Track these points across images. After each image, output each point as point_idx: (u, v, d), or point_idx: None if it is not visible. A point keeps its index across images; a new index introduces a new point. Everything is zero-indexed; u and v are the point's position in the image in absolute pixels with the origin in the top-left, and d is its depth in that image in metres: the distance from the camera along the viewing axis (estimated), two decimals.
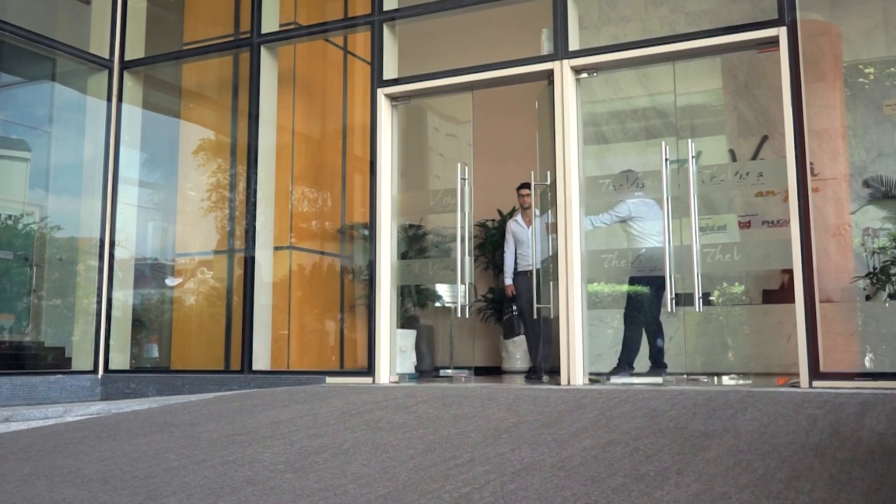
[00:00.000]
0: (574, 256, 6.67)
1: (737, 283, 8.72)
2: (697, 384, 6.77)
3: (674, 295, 6.38)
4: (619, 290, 7.80)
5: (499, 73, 7.25)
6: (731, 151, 9.03)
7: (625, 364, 7.18)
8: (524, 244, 8.32)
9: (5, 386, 7.40)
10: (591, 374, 6.72)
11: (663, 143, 6.60)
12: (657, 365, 7.20)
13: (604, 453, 3.37)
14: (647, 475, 2.96)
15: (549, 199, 7.24)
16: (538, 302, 7.43)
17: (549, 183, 7.23)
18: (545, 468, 3.15)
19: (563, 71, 6.92)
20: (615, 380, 6.79)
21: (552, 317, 6.97)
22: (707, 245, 6.44)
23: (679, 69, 7.12)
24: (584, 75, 7.00)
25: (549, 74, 7.02)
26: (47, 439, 4.29)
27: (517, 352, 9.59)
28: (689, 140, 6.56)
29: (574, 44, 7.00)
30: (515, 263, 8.57)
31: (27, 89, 9.69)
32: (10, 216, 9.47)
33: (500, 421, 4.33)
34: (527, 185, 8.01)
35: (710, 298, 8.42)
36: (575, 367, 6.52)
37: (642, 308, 7.27)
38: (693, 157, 6.45)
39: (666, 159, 6.54)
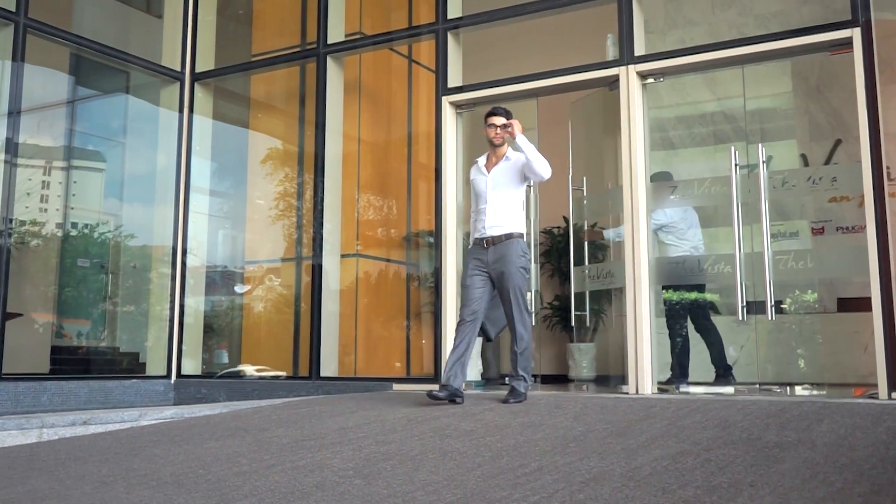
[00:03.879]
0: (642, 263, 6.59)
1: (810, 291, 8.50)
2: (770, 394, 6.63)
3: (744, 303, 6.26)
4: (672, 298, 7.62)
5: (563, 79, 7.22)
6: (803, 156, 8.82)
7: (679, 374, 7.06)
8: (481, 197, 5.82)
9: (83, 390, 7.62)
10: (659, 383, 6.63)
11: (732, 148, 6.50)
12: (721, 370, 7.07)
13: (674, 464, 3.32)
14: (720, 487, 2.91)
15: (584, 206, 7.18)
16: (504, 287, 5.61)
17: (583, 189, 7.20)
18: (614, 478, 3.12)
19: (628, 76, 6.86)
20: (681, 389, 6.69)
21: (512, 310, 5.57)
22: (779, 252, 6.31)
23: (748, 72, 6.99)
24: (651, 80, 6.92)
25: (614, 80, 6.96)
26: (124, 442, 4.40)
27: (584, 360, 9.50)
28: (760, 145, 6.44)
29: (640, 49, 6.93)
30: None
31: (102, 102, 9.98)
32: (86, 225, 9.76)
33: (567, 429, 4.30)
34: (499, 112, 5.85)
35: (782, 307, 8.22)
36: (643, 375, 6.44)
37: (683, 316, 7.17)
38: (763, 161, 6.33)
39: (735, 164, 6.43)
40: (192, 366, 8.76)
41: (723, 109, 8.79)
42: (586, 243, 7.87)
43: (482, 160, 5.99)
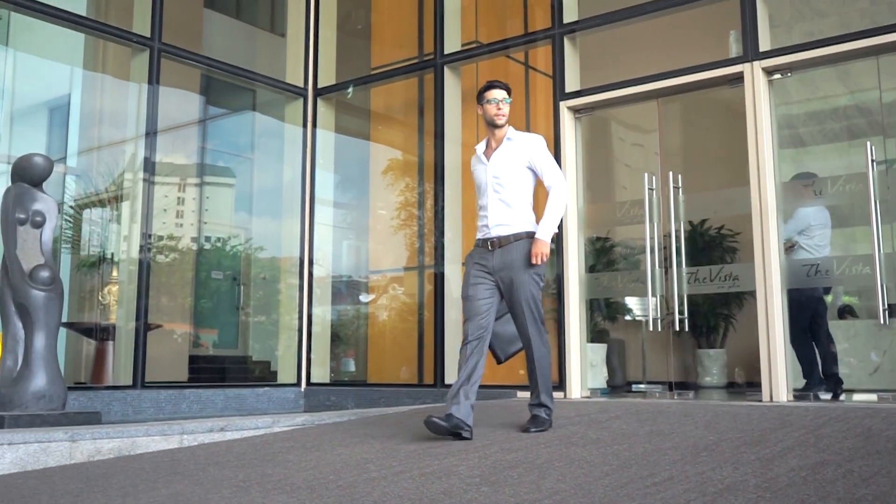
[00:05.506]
0: (773, 266, 6.36)
1: None
2: None
3: (886, 306, 5.94)
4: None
5: (685, 79, 7.05)
6: None
7: (815, 381, 6.73)
8: (482, 191, 4.88)
9: (219, 397, 7.94)
10: (795, 390, 6.37)
11: (868, 143, 6.19)
12: (831, 380, 6.70)
13: (813, 475, 3.18)
14: (863, 500, 2.77)
15: (655, 205, 7.00)
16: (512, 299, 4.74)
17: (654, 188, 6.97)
18: (749, 489, 3.01)
19: (753, 73, 6.64)
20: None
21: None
22: None
23: (884, 63, 6.64)
24: (777, 76, 6.68)
25: (738, 77, 6.75)
26: (258, 448, 4.56)
27: (714, 366, 9.23)
28: None
29: (765, 44, 6.70)
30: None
31: (231, 120, 10.40)
32: (218, 238, 10.18)
33: (698, 438, 4.18)
34: (498, 85, 4.86)
35: None
36: (777, 382, 6.20)
37: (807, 321, 6.82)
38: None
39: (872, 160, 6.12)
40: (320, 374, 8.98)
41: (856, 103, 8.38)
42: (681, 243, 7.58)
43: (481, 147, 4.98)
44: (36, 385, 5.33)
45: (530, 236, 4.70)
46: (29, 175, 5.72)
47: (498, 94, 4.80)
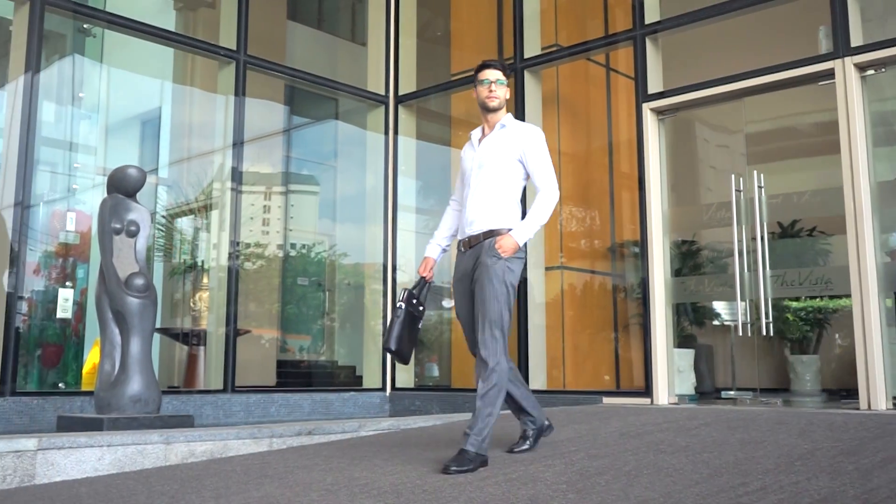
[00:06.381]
0: (868, 268, 6.14)
1: None
2: None
3: None
4: None
5: (771, 77, 6.88)
6: None
7: None
8: (466, 181, 4.35)
9: (306, 402, 8.07)
10: (895, 398, 6.13)
11: None
12: None
13: None
14: None
15: (743, 207, 6.77)
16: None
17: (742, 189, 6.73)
18: (847, 500, 2.91)
19: (844, 69, 6.43)
20: None
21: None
22: None
23: None
24: (871, 72, 6.46)
25: (828, 74, 6.55)
26: (345, 452, 4.62)
27: (807, 373, 8.95)
28: None
29: (857, 39, 6.49)
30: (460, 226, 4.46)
31: (314, 129, 10.59)
32: (303, 245, 10.37)
33: (791, 447, 4.06)
34: (492, 65, 4.36)
35: None
36: (875, 390, 5.98)
37: None
38: None
39: None
40: (405, 379, 9.05)
41: None
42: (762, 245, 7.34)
43: (476, 133, 4.45)
44: (132, 389, 5.50)
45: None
46: (123, 186, 5.92)
47: (491, 74, 4.30)
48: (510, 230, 4.07)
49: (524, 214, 4.20)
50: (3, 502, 3.57)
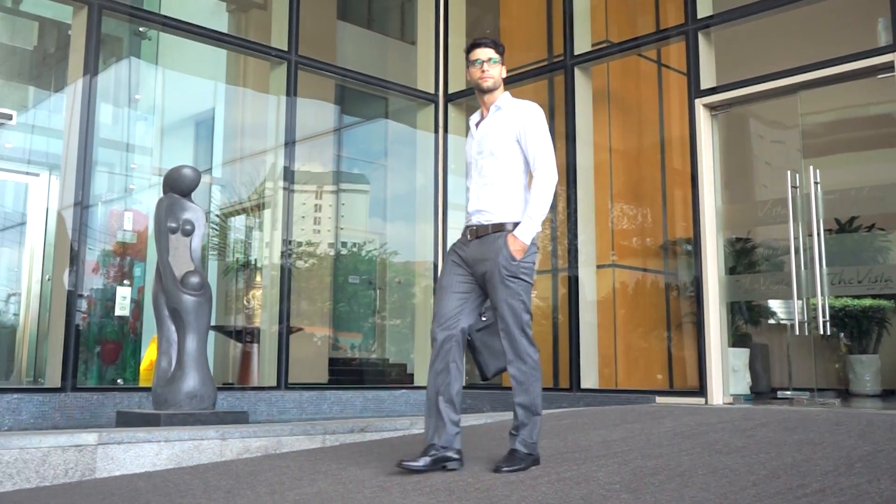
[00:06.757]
0: None
1: None
2: None
3: None
4: None
5: (828, 70, 6.74)
6: None
7: None
8: (468, 171, 4.12)
9: (358, 399, 8.13)
10: None
11: None
12: None
13: None
14: None
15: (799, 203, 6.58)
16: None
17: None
18: None
19: None
20: None
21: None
22: None
23: None
24: None
25: (887, 67, 6.39)
26: (397, 449, 4.63)
27: (866, 373, 8.76)
28: None
29: None
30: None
31: (364, 128, 10.65)
32: (354, 244, 10.43)
33: (851, 448, 3.98)
34: (484, 43, 4.07)
35: None
36: None
37: None
38: None
39: None
40: None
41: None
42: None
43: (474, 118, 4.17)
44: (189, 385, 5.59)
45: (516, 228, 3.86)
46: (179, 186, 6.02)
47: (482, 53, 4.02)
48: (517, 225, 3.85)
49: None
50: (65, 495, 3.66)
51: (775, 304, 8.88)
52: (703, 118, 7.37)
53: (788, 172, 7.04)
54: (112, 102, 8.47)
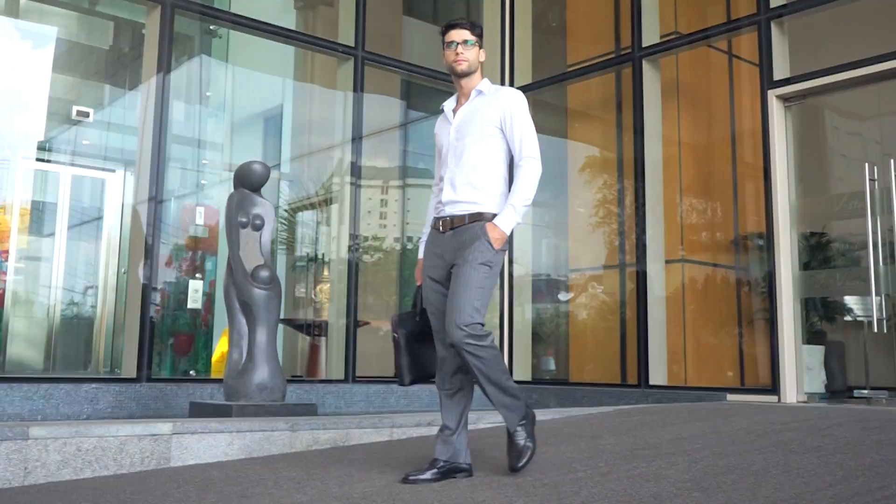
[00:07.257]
0: None
1: None
2: None
3: None
4: None
5: None
6: None
7: None
8: (443, 157, 3.89)
9: (424, 393, 8.16)
10: None
11: None
12: None
13: None
14: None
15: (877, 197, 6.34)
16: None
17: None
18: None
19: None
20: None
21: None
22: None
23: None
24: None
25: None
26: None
27: None
28: None
29: None
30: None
31: (430, 122, 10.64)
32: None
33: None
34: (459, 24, 3.82)
35: None
36: None
37: None
38: None
39: None
40: (522, 372, 9.03)
41: None
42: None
43: (449, 104, 3.95)
44: (259, 377, 5.69)
45: (493, 218, 3.64)
46: (249, 181, 6.12)
47: (457, 34, 3.76)
48: (495, 215, 3.64)
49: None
50: (142, 482, 3.76)
51: (852, 301, 8.62)
52: (776, 110, 7.20)
53: (866, 165, 6.84)
54: (184, 100, 8.65)
